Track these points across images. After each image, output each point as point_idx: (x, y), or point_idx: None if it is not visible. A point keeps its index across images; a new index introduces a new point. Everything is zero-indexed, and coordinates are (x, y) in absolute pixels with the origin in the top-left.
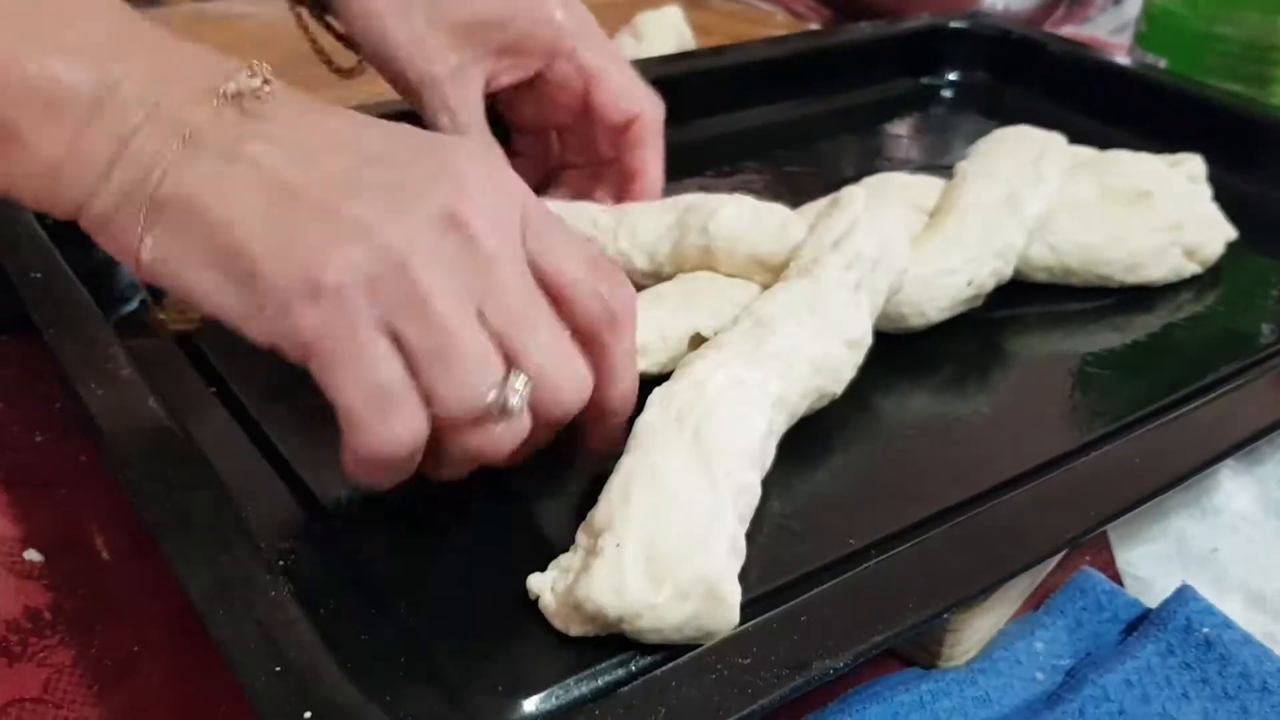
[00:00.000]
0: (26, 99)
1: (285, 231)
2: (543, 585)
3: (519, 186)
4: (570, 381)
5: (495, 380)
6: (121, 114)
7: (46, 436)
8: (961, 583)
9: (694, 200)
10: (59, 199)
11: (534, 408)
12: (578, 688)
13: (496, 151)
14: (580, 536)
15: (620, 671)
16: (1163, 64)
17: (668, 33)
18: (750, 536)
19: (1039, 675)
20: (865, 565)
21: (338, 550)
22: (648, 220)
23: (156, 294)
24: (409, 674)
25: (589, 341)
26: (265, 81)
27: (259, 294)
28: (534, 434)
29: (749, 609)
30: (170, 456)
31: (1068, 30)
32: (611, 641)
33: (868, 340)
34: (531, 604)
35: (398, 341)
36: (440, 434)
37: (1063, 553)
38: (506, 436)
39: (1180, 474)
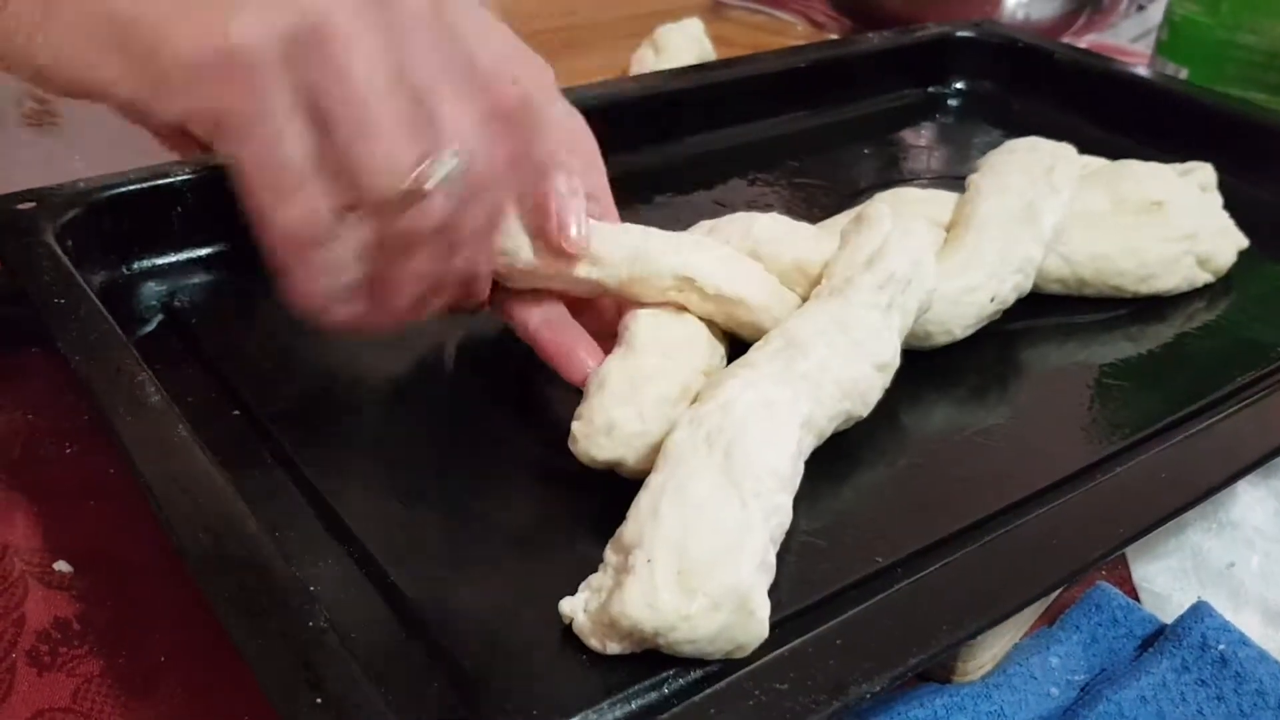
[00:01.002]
0: None
1: None
2: (575, 607)
3: None
4: (494, 160)
5: (415, 155)
6: None
7: (75, 448)
8: (993, 603)
9: (727, 218)
10: None
11: (462, 191)
12: (611, 711)
13: None
14: (609, 555)
15: (653, 695)
16: (1184, 73)
17: (688, 45)
18: (778, 554)
19: (1054, 691)
20: (896, 586)
21: (367, 576)
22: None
23: None
24: (443, 700)
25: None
26: None
27: (163, 68)
28: (466, 236)
29: (781, 628)
30: (202, 486)
31: (1090, 38)
32: (645, 665)
33: (896, 363)
34: (562, 628)
35: (315, 115)
36: (370, 220)
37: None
38: (433, 216)
39: (1205, 489)
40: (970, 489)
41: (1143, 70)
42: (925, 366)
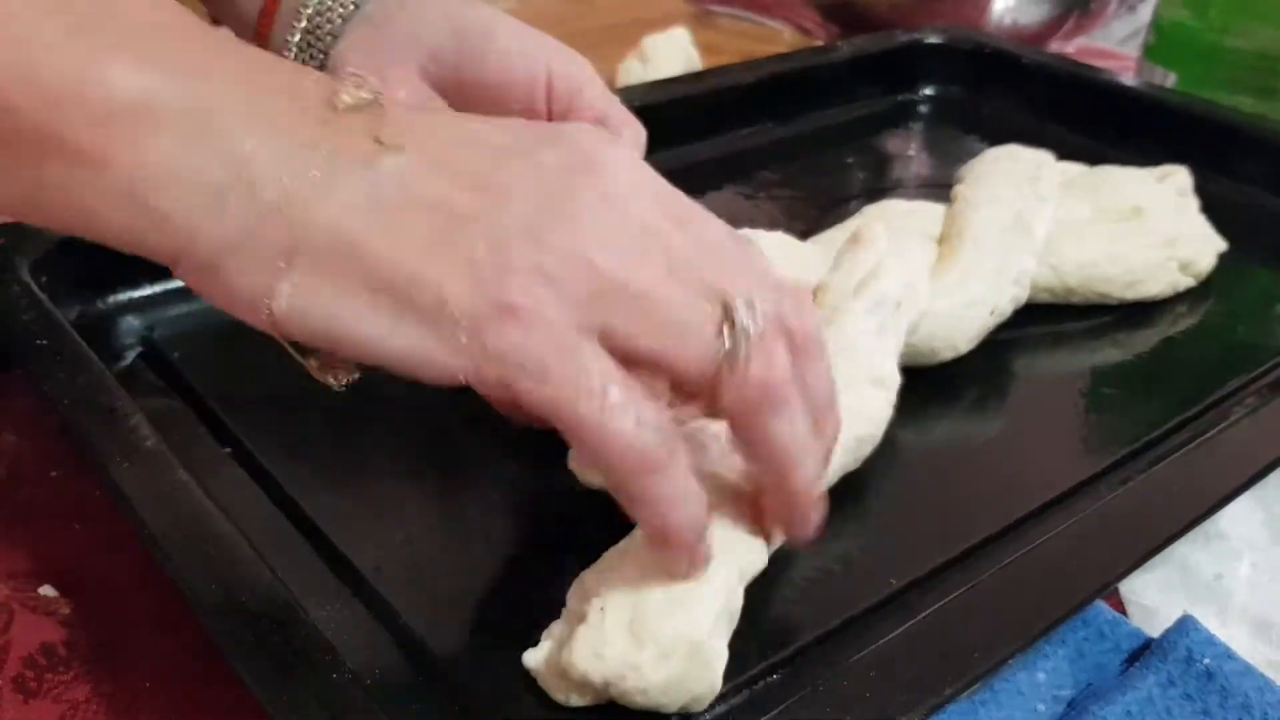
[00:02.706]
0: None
1: (456, 251)
2: (537, 659)
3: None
4: (790, 299)
5: (715, 317)
6: (227, 133)
7: (61, 471)
8: (1023, 628)
9: None
10: (152, 236)
11: (772, 325)
12: None
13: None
14: (571, 602)
15: None
16: (1172, 78)
17: (674, 55)
18: (792, 579)
19: (1040, 706)
20: (921, 613)
21: (377, 618)
22: None
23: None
24: None
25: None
26: (373, 91)
27: (450, 323)
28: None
29: (805, 654)
30: (209, 536)
31: (1079, 41)
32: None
33: (896, 380)
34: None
35: (606, 337)
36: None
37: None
38: (760, 370)
39: (1219, 497)
40: (977, 506)
41: (1109, 73)
42: (923, 382)
